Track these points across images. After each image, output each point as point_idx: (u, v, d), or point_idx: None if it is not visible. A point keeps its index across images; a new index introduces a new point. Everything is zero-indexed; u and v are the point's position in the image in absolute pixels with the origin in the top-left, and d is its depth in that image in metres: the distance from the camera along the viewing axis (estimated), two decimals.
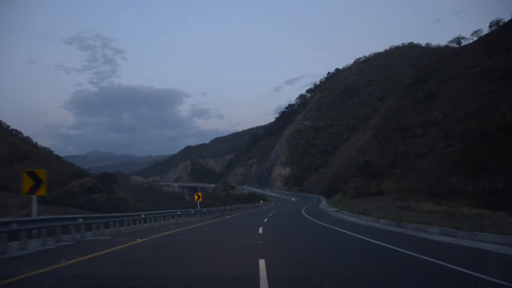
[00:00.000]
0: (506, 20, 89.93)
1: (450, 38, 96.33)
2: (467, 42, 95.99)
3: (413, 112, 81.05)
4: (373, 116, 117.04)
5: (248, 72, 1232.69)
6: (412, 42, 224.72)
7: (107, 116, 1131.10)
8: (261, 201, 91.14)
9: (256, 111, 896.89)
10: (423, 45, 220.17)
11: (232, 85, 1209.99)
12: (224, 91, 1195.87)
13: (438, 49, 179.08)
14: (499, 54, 78.12)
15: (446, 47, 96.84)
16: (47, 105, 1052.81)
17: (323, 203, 67.52)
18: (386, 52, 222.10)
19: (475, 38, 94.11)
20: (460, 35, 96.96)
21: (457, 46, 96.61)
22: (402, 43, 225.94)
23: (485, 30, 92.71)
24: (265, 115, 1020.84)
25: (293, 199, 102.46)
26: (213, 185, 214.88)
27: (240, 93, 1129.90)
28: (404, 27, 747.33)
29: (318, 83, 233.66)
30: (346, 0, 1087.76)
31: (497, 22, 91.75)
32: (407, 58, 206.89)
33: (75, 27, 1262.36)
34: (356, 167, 71.63)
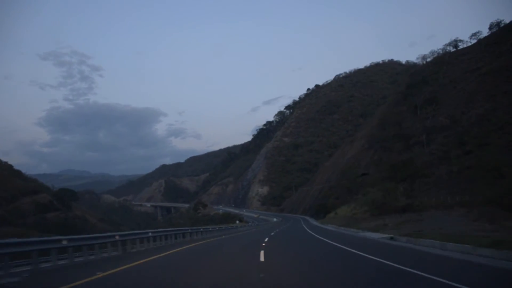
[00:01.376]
0: (507, 21, 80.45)
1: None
2: (464, 45, 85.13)
3: (412, 118, 68.72)
4: (362, 128, 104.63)
5: (226, 92, 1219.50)
6: (392, 59, 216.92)
7: (82, 134, 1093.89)
8: (237, 222, 76.61)
9: (234, 131, 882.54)
10: (403, 62, 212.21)
11: (210, 105, 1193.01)
12: (202, 110, 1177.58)
13: (414, 65, 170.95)
14: (508, 54, 67.85)
15: (443, 50, 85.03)
16: (20, 122, 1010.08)
17: (323, 224, 53.95)
18: (367, 68, 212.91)
19: (474, 41, 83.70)
20: (457, 37, 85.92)
21: (454, 49, 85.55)
22: (383, 60, 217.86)
23: (485, 32, 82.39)
24: (242, 135, 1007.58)
25: (275, 219, 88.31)
26: (187, 205, 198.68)
27: (218, 113, 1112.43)
28: (383, 48, 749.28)
29: (297, 99, 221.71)
30: (322, 24, 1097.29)
31: (498, 24, 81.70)
32: (388, 74, 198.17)
33: (51, 42, 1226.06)
34: (351, 181, 58.25)
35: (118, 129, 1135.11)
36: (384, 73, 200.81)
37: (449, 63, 79.98)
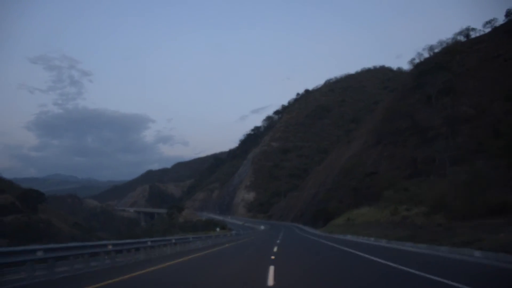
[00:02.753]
0: None
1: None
2: (477, 34, 74.36)
3: (426, 109, 56.81)
4: (361, 126, 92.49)
5: (214, 100, 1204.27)
6: (383, 65, 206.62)
7: (70, 139, 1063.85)
8: (218, 229, 63.36)
9: (221, 139, 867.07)
10: (395, 69, 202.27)
11: (198, 112, 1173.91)
12: (190, 118, 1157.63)
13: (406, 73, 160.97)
14: None
15: (453, 40, 73.97)
16: (8, 125, 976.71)
17: (334, 234, 39.94)
18: (358, 74, 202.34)
19: (488, 29, 72.80)
20: (470, 26, 74.85)
21: (466, 39, 74.55)
22: (374, 66, 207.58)
23: (500, 19, 71.57)
24: (230, 143, 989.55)
25: (262, 227, 75.26)
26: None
27: (206, 121, 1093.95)
28: (374, 54, 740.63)
29: (286, 104, 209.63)
30: (312, 32, 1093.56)
31: None
32: (379, 80, 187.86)
33: (41, 46, 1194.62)
34: (358, 181, 45.82)
35: (107, 134, 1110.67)
36: (375, 78, 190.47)
37: (463, 52, 68.74)
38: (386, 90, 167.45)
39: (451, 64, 65.90)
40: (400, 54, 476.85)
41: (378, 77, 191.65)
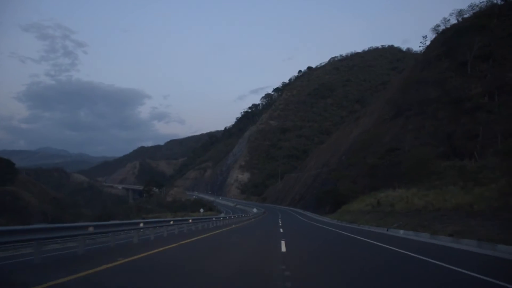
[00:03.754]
0: None
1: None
2: None
3: (459, 78, 47.05)
4: (375, 100, 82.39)
5: (213, 79, 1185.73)
6: (392, 45, 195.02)
7: (62, 112, 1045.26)
8: (201, 211, 54.09)
9: (218, 118, 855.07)
10: (404, 49, 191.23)
11: (196, 90, 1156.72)
12: (187, 96, 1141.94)
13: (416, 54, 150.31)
14: None
15: (487, 3, 63.63)
16: None
17: (363, 226, 27.28)
18: (365, 52, 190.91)
19: None
20: None
21: (503, 2, 64.20)
22: (382, 45, 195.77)
23: None
24: (226, 122, 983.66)
25: (255, 209, 65.99)
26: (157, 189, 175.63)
27: (204, 99, 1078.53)
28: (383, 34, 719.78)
29: (287, 82, 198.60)
30: (315, 11, 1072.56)
31: None
32: (388, 60, 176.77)
33: (34, 13, 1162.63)
34: (378, 159, 36.31)
35: (100, 109, 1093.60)
36: (383, 58, 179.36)
37: (501, 15, 58.71)
38: (395, 71, 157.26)
39: (487, 29, 56.04)
40: (407, 39, 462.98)
41: (387, 56, 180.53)
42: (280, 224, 27.46)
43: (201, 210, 54.85)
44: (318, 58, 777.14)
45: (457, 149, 33.28)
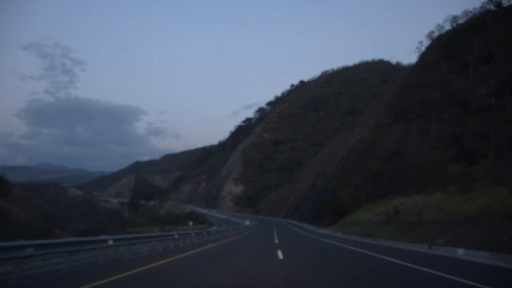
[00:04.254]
0: None
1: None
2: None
3: (461, 80, 43.76)
4: (373, 105, 78.87)
5: (208, 95, 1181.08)
6: (382, 59, 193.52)
7: (61, 128, 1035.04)
8: (190, 223, 49.58)
9: (213, 133, 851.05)
10: (393, 63, 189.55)
11: (191, 106, 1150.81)
12: (183, 112, 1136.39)
13: (407, 67, 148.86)
14: None
15: (481, 9, 61.26)
16: None
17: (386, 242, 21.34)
18: (356, 66, 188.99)
19: None
20: None
21: (496, 8, 61.77)
22: (372, 59, 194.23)
23: None
24: (221, 137, 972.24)
25: (247, 222, 61.53)
26: (153, 203, 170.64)
27: (198, 115, 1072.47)
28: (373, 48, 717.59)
29: (279, 95, 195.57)
30: (306, 27, 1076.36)
31: None
32: (378, 73, 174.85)
33: (34, 33, 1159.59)
34: (382, 164, 32.44)
35: (98, 125, 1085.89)
36: (374, 71, 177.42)
37: (496, 20, 55.99)
38: (385, 83, 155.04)
39: (487, 30, 53.26)
40: (394, 55, 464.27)
41: (377, 70, 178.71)
42: (277, 242, 21.74)
43: (190, 223, 50.48)
44: (309, 72, 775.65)
45: (468, 151, 29.68)
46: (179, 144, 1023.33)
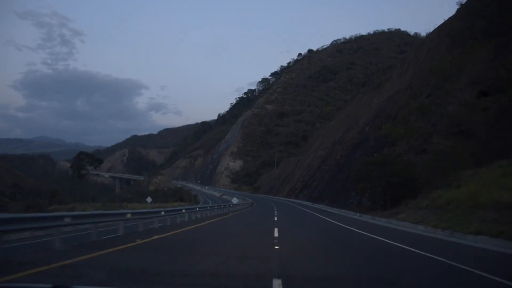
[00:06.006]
0: None
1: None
2: None
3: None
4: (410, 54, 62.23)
5: (211, 71, 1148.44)
6: (399, 29, 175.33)
7: (59, 101, 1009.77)
8: (149, 199, 34.79)
9: (215, 110, 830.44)
10: (411, 33, 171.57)
11: (194, 82, 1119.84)
12: (185, 87, 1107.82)
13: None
14: None
15: None
16: None
17: None
18: (370, 35, 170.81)
19: None
20: None
21: None
22: (388, 29, 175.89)
23: None
24: (221, 111, 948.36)
25: (235, 199, 46.18)
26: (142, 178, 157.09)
27: (201, 92, 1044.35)
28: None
29: (285, 65, 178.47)
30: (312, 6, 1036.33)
31: None
32: (395, 43, 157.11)
33: (30, 0, 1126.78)
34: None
35: (97, 98, 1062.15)
36: (390, 41, 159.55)
37: None
38: (403, 54, 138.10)
39: None
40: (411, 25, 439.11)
41: (394, 40, 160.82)
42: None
43: (149, 199, 35.93)
44: (318, 43, 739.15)
45: None
46: (181, 120, 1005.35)
